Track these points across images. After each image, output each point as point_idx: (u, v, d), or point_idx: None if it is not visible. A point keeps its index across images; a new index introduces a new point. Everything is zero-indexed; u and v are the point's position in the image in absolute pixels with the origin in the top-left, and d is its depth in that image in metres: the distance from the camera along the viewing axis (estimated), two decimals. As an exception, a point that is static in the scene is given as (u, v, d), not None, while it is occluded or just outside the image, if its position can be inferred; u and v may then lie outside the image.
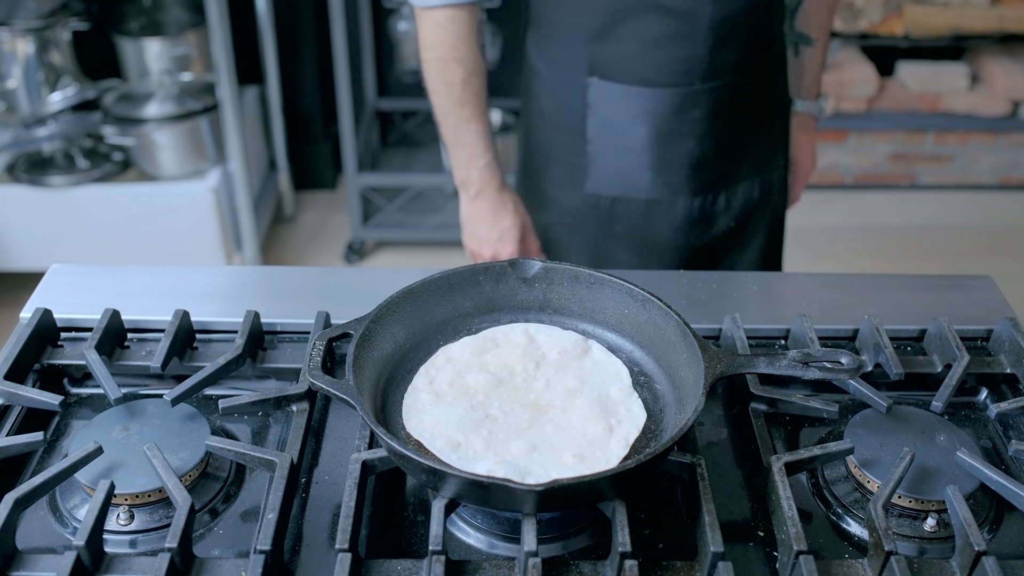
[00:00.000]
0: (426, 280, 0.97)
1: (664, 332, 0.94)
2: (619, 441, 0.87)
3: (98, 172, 2.88)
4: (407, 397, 0.92)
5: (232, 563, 0.80)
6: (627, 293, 0.97)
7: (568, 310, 1.01)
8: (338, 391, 0.84)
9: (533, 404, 0.91)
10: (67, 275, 1.19)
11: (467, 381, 0.92)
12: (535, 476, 0.82)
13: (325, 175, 3.62)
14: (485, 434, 0.87)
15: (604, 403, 0.91)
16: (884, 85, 3.58)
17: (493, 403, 0.90)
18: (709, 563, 0.78)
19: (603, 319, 1.00)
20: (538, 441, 0.87)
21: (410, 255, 3.34)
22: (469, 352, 0.96)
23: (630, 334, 0.98)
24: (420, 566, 0.79)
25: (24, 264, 2.92)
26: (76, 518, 0.86)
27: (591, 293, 1.00)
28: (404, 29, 3.20)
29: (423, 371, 0.94)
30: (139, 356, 1.03)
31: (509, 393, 0.92)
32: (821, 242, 3.39)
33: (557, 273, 1.00)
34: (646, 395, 0.93)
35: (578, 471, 0.83)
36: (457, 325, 0.99)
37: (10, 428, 0.94)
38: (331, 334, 0.91)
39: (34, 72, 2.85)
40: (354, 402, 0.82)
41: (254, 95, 3.26)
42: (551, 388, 0.93)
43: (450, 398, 0.90)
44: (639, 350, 0.98)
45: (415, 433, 0.87)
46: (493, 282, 1.00)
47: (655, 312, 0.95)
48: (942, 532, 0.85)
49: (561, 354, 0.96)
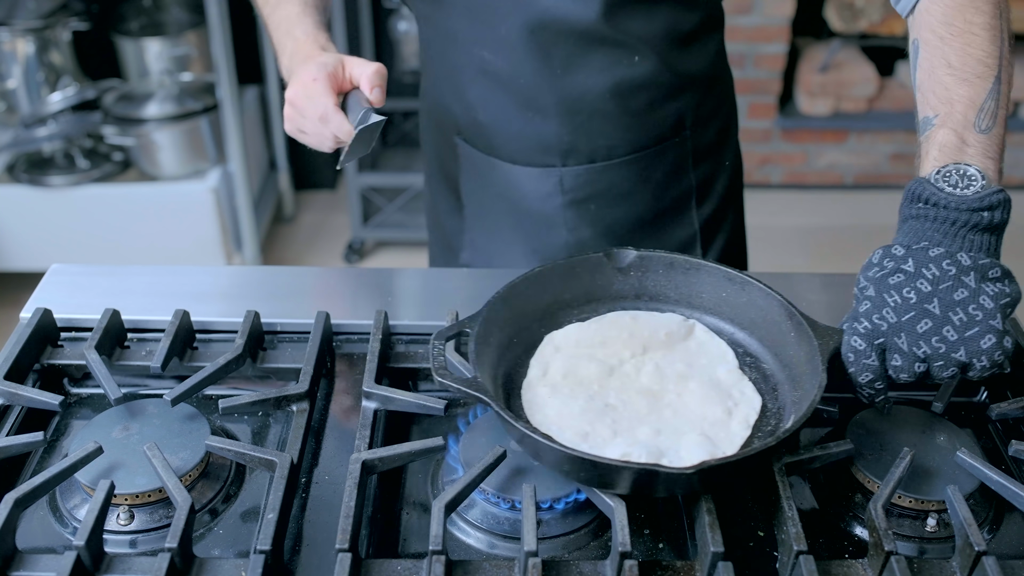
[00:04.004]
0: (528, 275, 0.98)
1: (766, 313, 0.96)
2: (740, 423, 0.88)
3: (98, 172, 2.88)
4: (524, 392, 0.92)
5: (232, 563, 0.80)
6: (725, 277, 0.99)
7: (664, 296, 1.02)
8: (474, 391, 0.84)
9: (647, 390, 0.92)
10: (67, 275, 1.19)
11: (580, 372, 0.93)
12: (669, 459, 0.83)
13: (325, 175, 3.62)
14: (609, 422, 0.87)
15: (717, 386, 0.92)
16: (884, 85, 3.58)
17: (609, 392, 0.91)
18: (709, 563, 0.78)
19: (700, 303, 1.01)
20: (661, 426, 0.87)
21: (410, 255, 3.34)
22: (575, 340, 0.97)
23: (729, 316, 1.00)
24: (420, 566, 0.79)
25: (24, 264, 2.92)
26: (76, 518, 0.86)
27: (687, 279, 1.01)
28: (404, 29, 3.20)
29: (534, 363, 0.95)
30: (139, 356, 1.03)
31: (622, 380, 0.93)
32: (821, 242, 3.39)
33: (652, 261, 1.02)
34: (755, 375, 0.95)
35: (712, 453, 0.83)
36: (557, 317, 1.00)
37: (10, 428, 0.94)
38: (448, 333, 0.91)
39: (34, 72, 2.85)
40: (492, 402, 0.82)
41: (254, 95, 3.26)
42: (662, 373, 0.93)
43: (567, 389, 0.91)
44: (740, 331, 0.99)
45: (543, 427, 0.87)
46: (589, 273, 1.01)
47: (755, 294, 0.97)
48: (942, 532, 0.85)
49: (668, 336, 0.97)
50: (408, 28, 3.19)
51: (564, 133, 1.19)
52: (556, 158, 1.22)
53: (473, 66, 1.19)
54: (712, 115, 1.28)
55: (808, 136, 3.60)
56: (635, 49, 1.15)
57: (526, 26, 1.12)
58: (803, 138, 3.60)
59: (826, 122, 3.58)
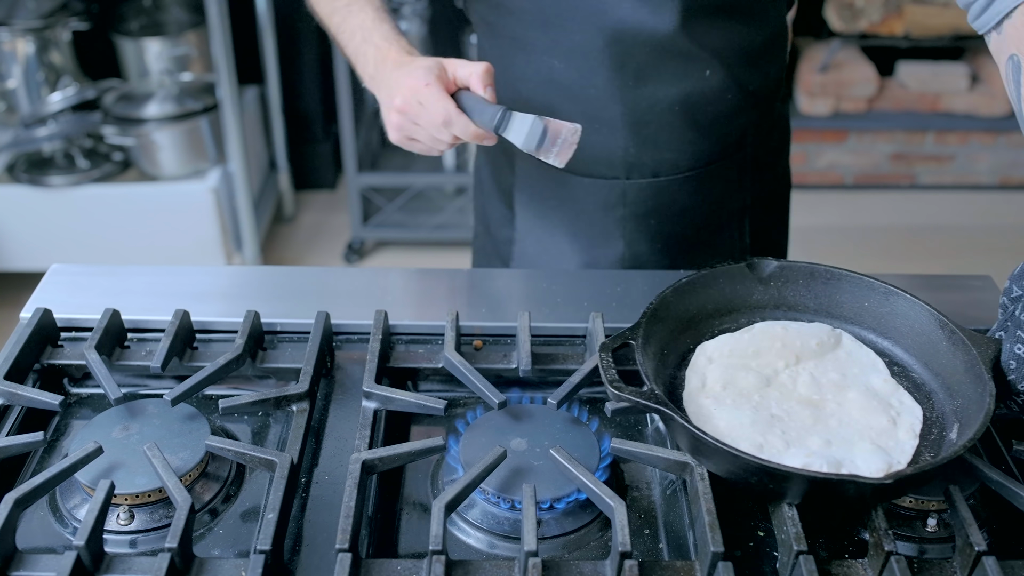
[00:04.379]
0: (677, 285, 0.98)
1: (912, 322, 0.96)
2: (907, 431, 0.88)
3: (98, 172, 2.88)
4: (687, 403, 0.92)
5: (232, 563, 0.80)
6: (867, 286, 0.99)
7: (803, 306, 1.02)
8: (655, 403, 0.83)
9: (807, 400, 0.92)
10: (67, 275, 1.19)
11: (738, 382, 0.93)
12: (848, 469, 0.83)
13: (325, 175, 3.62)
14: (779, 433, 0.87)
15: (875, 395, 0.92)
16: (884, 85, 3.58)
17: (770, 402, 0.91)
18: (709, 563, 0.78)
19: (840, 313, 1.01)
20: (830, 436, 0.87)
21: (410, 255, 3.34)
22: (728, 350, 0.96)
23: (871, 326, 1.00)
24: (420, 566, 0.79)
25: (24, 264, 2.92)
26: (76, 518, 0.86)
27: (827, 288, 1.01)
28: (404, 29, 3.19)
29: (690, 374, 0.95)
30: (139, 356, 1.03)
31: (780, 391, 0.93)
32: (821, 242, 3.39)
33: (793, 271, 1.02)
34: (907, 384, 0.95)
35: (888, 462, 0.83)
36: (700, 327, 1.00)
37: (10, 428, 0.94)
38: (614, 345, 0.91)
39: (34, 72, 2.85)
40: (675, 414, 0.82)
41: (254, 95, 3.26)
42: (818, 383, 0.93)
43: (729, 400, 0.90)
44: (884, 340, 0.99)
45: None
46: (731, 283, 1.01)
47: (900, 303, 0.97)
48: (942, 532, 0.85)
49: (819, 345, 0.97)
50: (408, 28, 3.19)
51: (630, 145, 1.19)
52: (620, 170, 1.21)
53: (540, 75, 1.18)
54: (769, 133, 1.29)
55: (808, 136, 3.60)
56: (707, 63, 1.15)
57: (601, 35, 1.12)
58: (803, 138, 3.60)
59: (826, 122, 3.58)
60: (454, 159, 3.33)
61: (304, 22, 3.32)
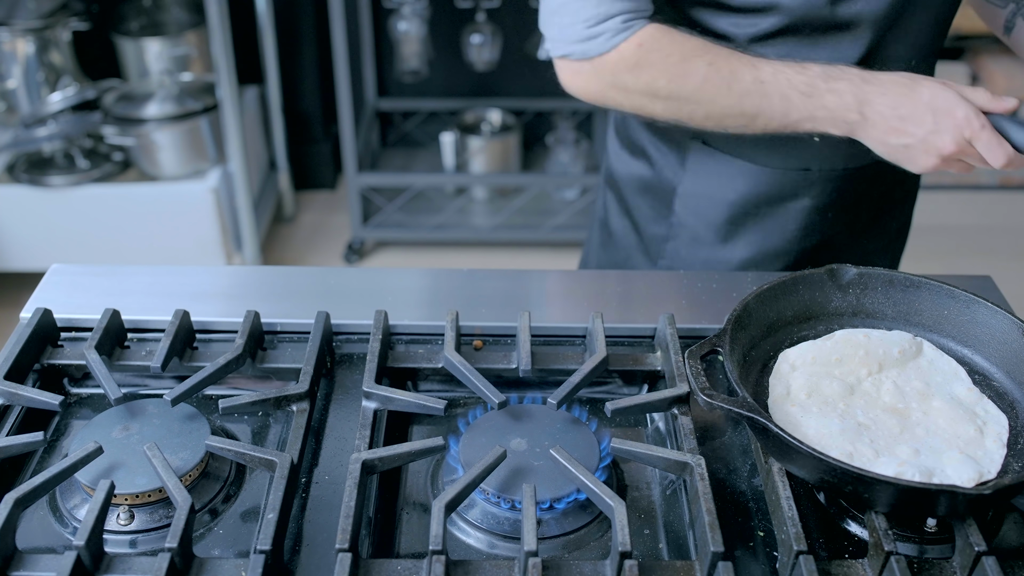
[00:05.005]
0: (759, 292, 0.98)
1: (993, 331, 0.97)
2: (995, 440, 0.88)
3: (98, 172, 2.88)
4: (772, 411, 0.91)
5: (232, 563, 0.80)
6: (948, 295, 1.00)
7: (881, 314, 1.02)
8: (748, 411, 0.83)
9: (892, 408, 0.92)
10: (67, 275, 1.19)
11: (823, 390, 0.93)
12: (939, 478, 0.83)
13: (325, 175, 3.62)
14: (868, 442, 0.87)
15: (959, 404, 0.92)
16: (884, 85, 3.57)
17: (856, 411, 0.91)
18: (709, 563, 0.78)
19: (919, 321, 1.01)
20: (918, 445, 0.87)
21: (410, 255, 3.34)
22: (811, 358, 0.96)
23: (951, 334, 1.00)
24: (420, 566, 0.79)
25: (24, 264, 2.92)
26: (76, 518, 0.86)
27: (906, 296, 1.02)
28: (404, 29, 3.20)
29: (774, 382, 0.95)
30: (139, 356, 1.03)
31: (865, 399, 0.93)
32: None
33: (872, 278, 1.02)
34: (989, 393, 0.95)
35: (979, 471, 0.84)
36: (779, 334, 1.00)
37: (10, 428, 0.94)
38: (702, 351, 0.91)
39: (34, 72, 2.85)
40: (769, 423, 0.82)
41: (254, 95, 3.26)
42: (901, 391, 0.94)
43: (816, 408, 0.91)
44: (964, 348, 0.99)
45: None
46: (810, 290, 1.02)
47: (981, 312, 0.98)
48: (942, 532, 0.85)
49: (901, 353, 0.97)
50: (408, 28, 3.19)
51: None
52: (813, 160, 1.20)
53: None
54: None
55: (808, 136, 3.60)
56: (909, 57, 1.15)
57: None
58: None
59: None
60: (454, 159, 3.33)
61: (304, 22, 3.32)
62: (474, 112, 3.42)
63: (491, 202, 3.40)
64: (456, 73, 3.45)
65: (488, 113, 3.42)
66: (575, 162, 3.34)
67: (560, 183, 3.34)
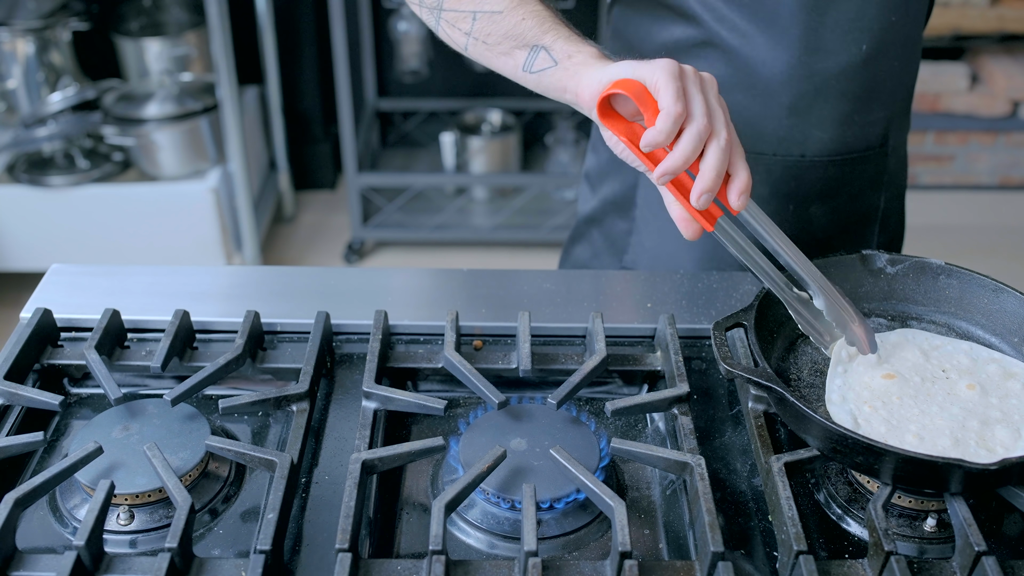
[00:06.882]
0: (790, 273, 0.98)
1: (1022, 319, 0.98)
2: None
3: (98, 172, 2.88)
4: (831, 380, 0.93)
5: (232, 563, 0.80)
6: (977, 283, 1.02)
7: (913, 299, 1.05)
8: (766, 380, 0.86)
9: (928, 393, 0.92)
10: (67, 275, 1.19)
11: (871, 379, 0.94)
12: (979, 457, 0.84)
13: (325, 175, 3.62)
14: (915, 429, 0.88)
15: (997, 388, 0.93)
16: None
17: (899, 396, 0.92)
18: (709, 563, 0.78)
19: (948, 308, 1.03)
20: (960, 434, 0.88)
21: (410, 255, 3.34)
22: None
23: (979, 322, 1.02)
24: (420, 566, 0.79)
25: (24, 264, 2.92)
26: (76, 518, 0.86)
27: (936, 283, 1.04)
28: (404, 29, 3.20)
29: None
30: (139, 356, 1.03)
31: (917, 388, 0.93)
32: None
33: (904, 264, 1.04)
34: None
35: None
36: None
37: (10, 428, 0.94)
38: (727, 324, 0.94)
39: (34, 72, 2.85)
40: (786, 391, 0.84)
41: (254, 95, 3.26)
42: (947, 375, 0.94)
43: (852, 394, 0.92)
44: (992, 337, 1.01)
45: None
46: (842, 273, 1.03)
47: (1010, 301, 0.99)
48: (942, 532, 0.85)
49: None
50: (408, 28, 3.19)
51: (783, 116, 1.15)
52: (769, 144, 1.16)
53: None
54: (901, 137, 1.27)
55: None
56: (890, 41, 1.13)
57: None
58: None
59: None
60: (454, 159, 3.33)
61: (304, 22, 3.32)
62: (474, 112, 3.42)
63: (491, 202, 3.40)
64: (456, 73, 3.46)
65: (488, 113, 3.42)
66: (575, 162, 3.34)
67: (560, 183, 3.34)
